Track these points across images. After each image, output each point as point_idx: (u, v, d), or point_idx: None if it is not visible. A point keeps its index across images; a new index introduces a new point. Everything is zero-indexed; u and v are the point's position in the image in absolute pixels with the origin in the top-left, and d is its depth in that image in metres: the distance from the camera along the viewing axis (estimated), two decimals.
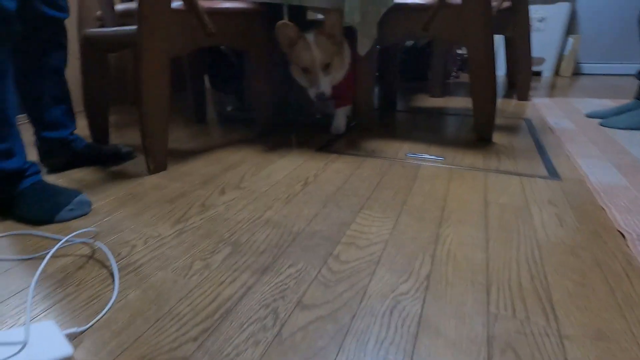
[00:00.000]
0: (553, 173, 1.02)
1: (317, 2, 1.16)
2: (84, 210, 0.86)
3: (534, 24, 2.90)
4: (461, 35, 1.19)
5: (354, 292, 0.57)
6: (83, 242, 0.73)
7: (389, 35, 1.32)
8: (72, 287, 0.60)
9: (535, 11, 2.86)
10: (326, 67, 1.25)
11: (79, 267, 0.65)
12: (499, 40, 2.93)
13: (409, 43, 2.67)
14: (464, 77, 2.95)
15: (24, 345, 0.43)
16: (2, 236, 0.76)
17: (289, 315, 0.53)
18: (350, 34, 1.28)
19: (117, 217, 0.83)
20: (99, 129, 1.34)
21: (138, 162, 1.19)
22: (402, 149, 1.26)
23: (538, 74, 3.07)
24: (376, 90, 2.33)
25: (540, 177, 1.00)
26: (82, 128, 1.25)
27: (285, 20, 1.22)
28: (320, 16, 1.52)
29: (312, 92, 1.28)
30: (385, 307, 0.54)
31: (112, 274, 0.63)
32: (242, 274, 0.62)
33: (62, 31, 1.08)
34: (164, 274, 0.62)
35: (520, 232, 0.73)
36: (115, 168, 1.15)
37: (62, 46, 1.10)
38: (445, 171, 1.05)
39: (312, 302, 0.55)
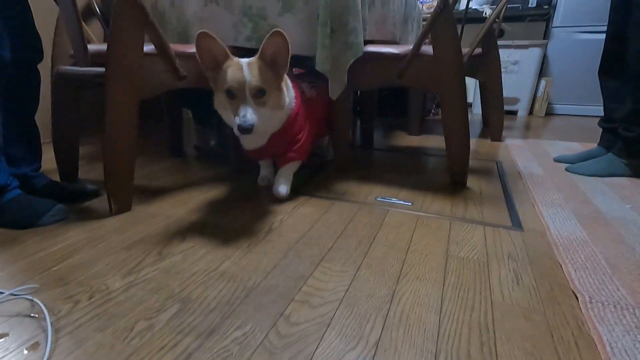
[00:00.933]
0: (517, 223, 1.04)
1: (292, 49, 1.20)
2: (63, 216, 1.03)
3: (509, 67, 3.04)
4: (435, 83, 1.23)
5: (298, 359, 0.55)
6: (25, 298, 0.69)
7: (363, 81, 1.36)
8: (0, 352, 0.56)
9: (510, 55, 3.01)
10: (259, 96, 0.94)
11: (12, 327, 0.62)
12: (473, 82, 3.06)
13: None
14: None
15: None
16: None
17: None
18: (304, 76, 1.29)
19: (68, 265, 0.80)
20: (68, 164, 1.32)
21: (104, 200, 1.16)
22: (373, 192, 1.27)
23: (514, 112, 3.19)
24: (357, 125, 2.38)
25: (504, 227, 1.01)
26: (51, 161, 1.22)
27: (207, 31, 0.92)
28: None
29: (236, 124, 0.91)
30: None
31: (45, 338, 0.59)
32: (185, 338, 0.59)
33: (34, 73, 1.10)
34: (102, 336, 0.59)
35: (476, 290, 0.73)
36: (80, 206, 1.12)
37: (34, 87, 1.12)
38: (412, 218, 1.06)
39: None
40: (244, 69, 0.92)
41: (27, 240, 0.91)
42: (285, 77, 1.04)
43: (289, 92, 1.07)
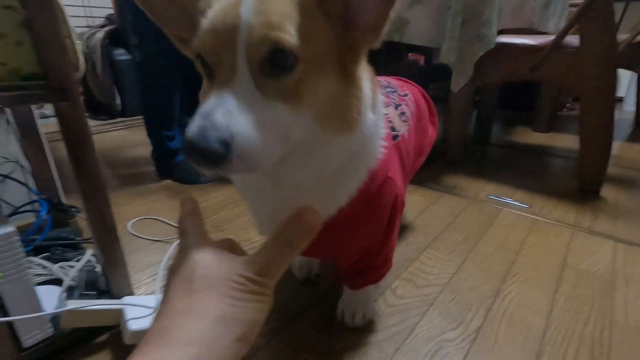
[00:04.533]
0: None
1: (415, 39, 1.22)
2: (214, 178, 1.27)
3: None
4: (575, 78, 1.12)
5: (402, 327, 0.63)
6: None
7: (490, 74, 1.30)
8: None
9: None
10: (277, 71, 0.33)
11: None
12: (627, 74, 2.55)
13: None
14: None
15: (154, 310, 0.60)
16: (138, 220, 1.00)
17: (342, 334, 0.61)
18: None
19: (220, 216, 1.02)
20: None
21: None
22: (485, 189, 1.24)
23: None
24: (473, 117, 2.26)
25: None
26: None
27: None
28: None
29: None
30: (428, 349, 0.59)
31: None
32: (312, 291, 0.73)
33: None
34: None
35: (594, 306, 0.69)
36: None
37: None
38: (527, 221, 1.01)
39: (363, 327, 0.63)
40: (243, 3, 0.32)
41: (190, 193, 1.19)
42: (372, 74, 0.44)
43: (376, 109, 0.44)
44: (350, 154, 0.42)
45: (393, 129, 0.55)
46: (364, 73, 0.40)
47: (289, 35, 0.31)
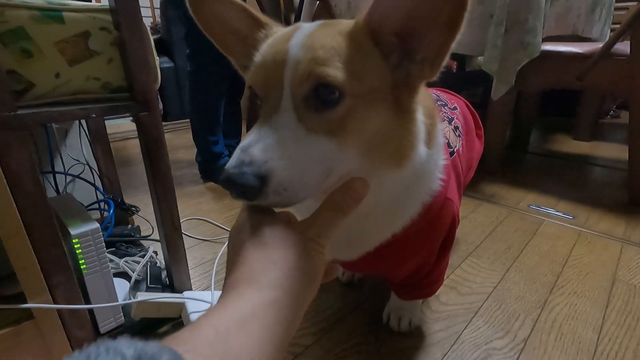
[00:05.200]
0: None
1: (456, 48, 1.22)
2: None
3: None
4: (625, 87, 1.09)
5: (448, 333, 0.64)
6: None
7: (532, 82, 1.29)
8: None
9: None
10: (320, 105, 0.33)
11: None
12: None
13: None
14: (626, 117, 2.52)
15: (211, 305, 0.64)
16: (186, 220, 1.06)
17: (389, 337, 0.63)
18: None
19: None
20: None
21: None
22: (526, 198, 1.22)
23: None
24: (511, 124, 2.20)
25: None
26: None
27: None
28: None
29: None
30: (476, 356, 0.60)
31: None
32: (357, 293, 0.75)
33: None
34: None
35: None
36: None
37: (243, 79, 1.46)
38: (572, 233, 0.99)
39: (409, 331, 0.64)
40: (294, 38, 0.34)
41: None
42: (430, 102, 0.45)
43: (432, 142, 0.43)
44: (403, 188, 0.42)
45: (449, 144, 0.53)
46: (420, 104, 0.39)
47: (334, 71, 0.31)
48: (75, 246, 0.52)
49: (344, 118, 0.33)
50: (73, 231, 0.52)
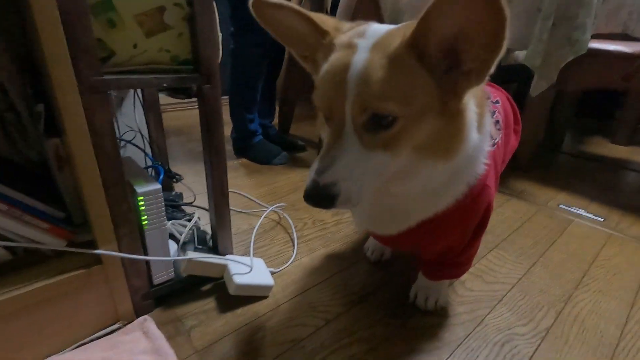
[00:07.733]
0: None
1: None
2: (285, 161, 1.39)
3: None
4: None
5: (472, 316, 0.68)
6: (275, 211, 1.02)
7: (574, 80, 1.26)
8: (268, 240, 0.88)
9: None
10: (376, 128, 0.40)
11: (272, 228, 0.94)
12: None
13: None
14: None
15: (251, 269, 0.70)
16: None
17: (415, 313, 0.67)
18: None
19: (294, 196, 1.11)
20: (286, 121, 1.71)
21: (310, 154, 1.49)
22: (556, 198, 1.21)
23: None
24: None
25: None
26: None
27: None
28: None
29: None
30: (498, 339, 0.63)
31: (292, 240, 0.88)
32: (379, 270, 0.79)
33: (283, 49, 1.46)
34: (325, 251, 0.85)
35: None
36: (293, 155, 1.48)
37: (281, 60, 1.49)
38: (602, 235, 0.99)
39: (434, 310, 0.68)
40: (351, 68, 0.39)
41: (265, 173, 1.29)
42: (479, 91, 0.47)
43: (482, 128, 0.48)
44: (451, 174, 0.47)
45: (490, 136, 0.54)
46: (470, 95, 0.43)
47: (388, 104, 0.38)
48: (140, 203, 0.58)
49: (397, 135, 0.40)
50: (139, 189, 0.57)
